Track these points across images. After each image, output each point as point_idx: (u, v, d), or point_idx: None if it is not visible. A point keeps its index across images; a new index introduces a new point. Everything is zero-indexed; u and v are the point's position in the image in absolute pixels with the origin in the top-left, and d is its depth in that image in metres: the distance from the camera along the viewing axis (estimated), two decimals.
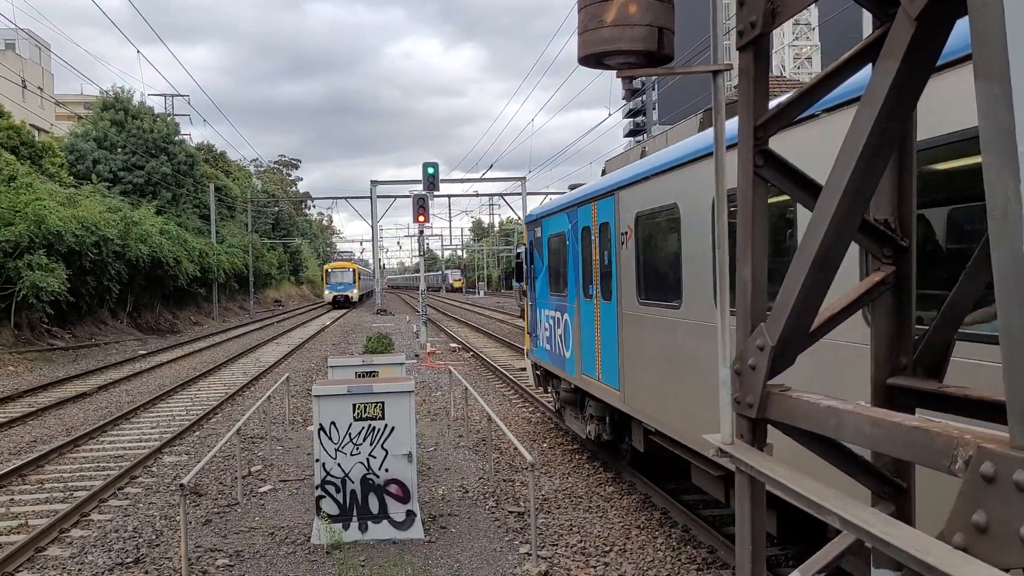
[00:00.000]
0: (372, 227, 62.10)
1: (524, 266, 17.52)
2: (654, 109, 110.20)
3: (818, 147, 5.23)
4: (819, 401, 2.45)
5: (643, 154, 10.21)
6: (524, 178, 65.79)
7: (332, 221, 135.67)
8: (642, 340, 9.50)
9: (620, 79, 3.18)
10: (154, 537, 9.71)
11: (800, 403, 2.53)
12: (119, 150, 46.50)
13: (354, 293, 73.49)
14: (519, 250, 25.68)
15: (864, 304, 2.93)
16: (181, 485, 8.14)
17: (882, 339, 2.84)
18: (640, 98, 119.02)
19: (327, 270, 76.47)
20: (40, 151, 38.69)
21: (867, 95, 2.35)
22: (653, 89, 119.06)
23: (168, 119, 50.27)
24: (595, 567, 8.31)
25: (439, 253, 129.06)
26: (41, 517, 10.56)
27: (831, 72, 2.70)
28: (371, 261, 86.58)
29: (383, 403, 9.27)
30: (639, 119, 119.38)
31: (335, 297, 72.58)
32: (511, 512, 10.10)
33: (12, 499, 11.55)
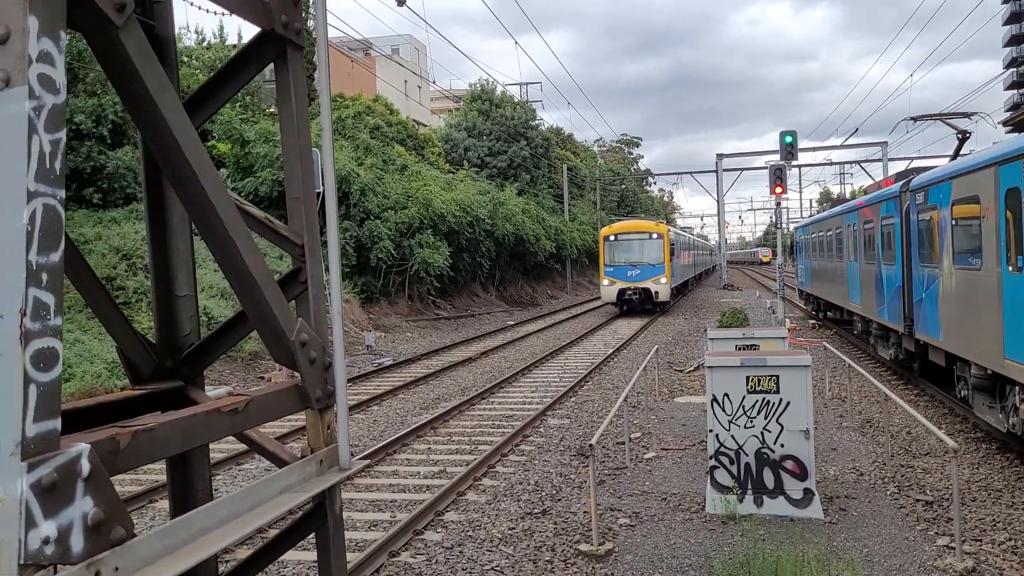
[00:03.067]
0: (718, 201, 61.15)
1: (795, 246, 39.48)
2: None
3: None
4: None
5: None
6: (885, 143, 60.48)
7: (673, 197, 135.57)
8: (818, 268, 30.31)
9: None
10: (554, 492, 10.45)
11: None
12: (484, 137, 50.65)
13: (663, 285, 36.68)
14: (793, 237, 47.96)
15: None
16: (590, 445, 8.66)
17: None
18: None
19: (605, 237, 38.49)
20: (422, 142, 43.44)
21: None
22: None
23: (526, 105, 53.71)
24: None
25: (786, 226, 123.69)
26: (456, 465, 11.89)
27: None
28: (714, 236, 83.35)
29: (777, 376, 9.05)
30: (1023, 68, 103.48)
31: (623, 292, 36.75)
32: (918, 500, 9.34)
33: (429, 448, 13.15)
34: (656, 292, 36.52)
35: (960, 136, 18.01)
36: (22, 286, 1.64)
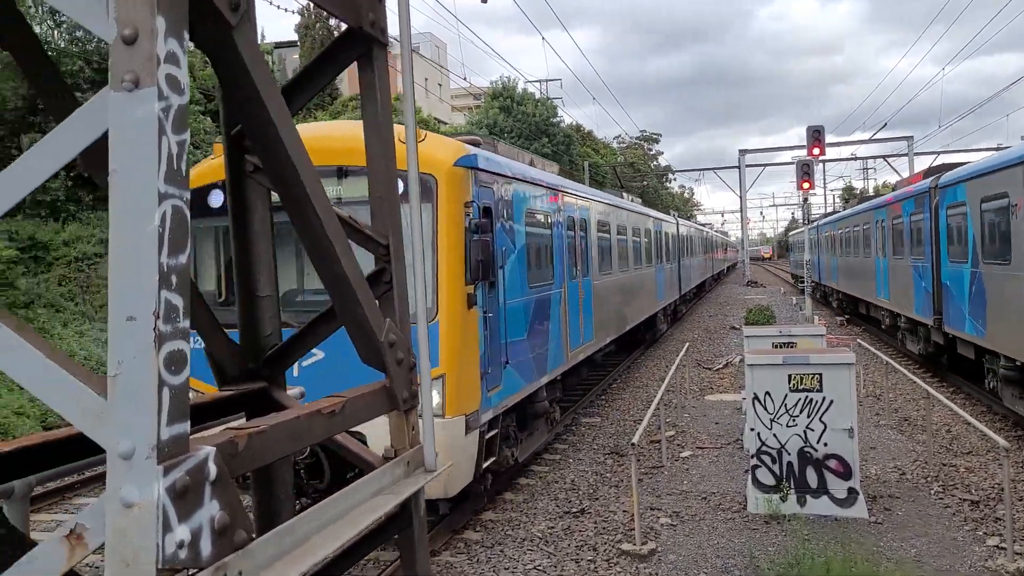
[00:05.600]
0: (741, 197, 60.83)
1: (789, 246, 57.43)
2: None
3: None
4: None
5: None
6: (911, 137, 59.89)
7: (694, 193, 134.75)
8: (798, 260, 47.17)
9: None
10: (591, 491, 10.41)
11: None
12: (506, 135, 50.58)
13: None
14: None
15: None
16: (632, 444, 8.62)
17: None
18: None
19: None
20: None
21: None
22: None
23: (548, 102, 53.57)
24: None
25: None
26: None
27: None
28: (738, 233, 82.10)
29: (820, 375, 8.96)
30: None
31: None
32: (964, 500, 9.22)
33: None
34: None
35: (849, 196, 48.81)
36: (155, 289, 1.63)
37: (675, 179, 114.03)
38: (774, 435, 9.02)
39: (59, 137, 1.72)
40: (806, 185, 28.63)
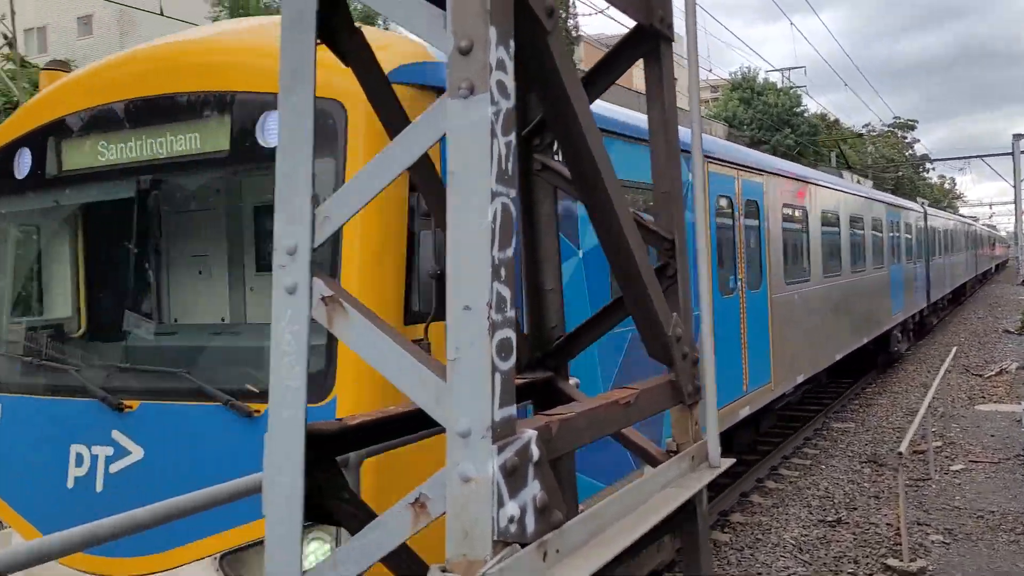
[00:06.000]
0: (1015, 187, 54.67)
1: None
2: None
3: None
4: None
5: None
6: None
7: (956, 184, 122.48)
8: None
9: None
10: (847, 500, 9.84)
11: None
12: (745, 127, 48.92)
13: None
14: None
15: None
16: (899, 453, 8.05)
17: None
18: None
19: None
20: None
21: None
22: None
23: (791, 92, 51.20)
24: None
25: None
26: (735, 465, 11.56)
27: None
28: (1010, 227, 73.62)
29: None
30: None
31: None
32: None
33: None
34: None
35: None
36: (488, 281, 1.77)
37: (933, 168, 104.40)
38: None
39: (404, 140, 1.91)
40: None
